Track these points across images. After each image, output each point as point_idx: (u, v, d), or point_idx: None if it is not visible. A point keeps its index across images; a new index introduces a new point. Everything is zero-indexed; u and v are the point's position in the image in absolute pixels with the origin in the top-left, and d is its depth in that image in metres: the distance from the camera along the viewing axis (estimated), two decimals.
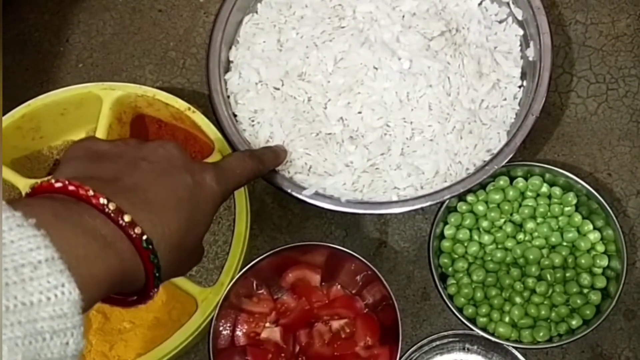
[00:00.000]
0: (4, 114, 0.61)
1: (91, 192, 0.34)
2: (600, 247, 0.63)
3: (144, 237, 0.35)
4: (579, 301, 0.61)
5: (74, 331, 0.29)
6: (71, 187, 0.34)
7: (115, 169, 0.39)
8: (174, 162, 0.41)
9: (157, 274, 0.36)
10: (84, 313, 0.30)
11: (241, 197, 0.59)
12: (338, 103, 0.61)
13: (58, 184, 0.35)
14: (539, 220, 0.64)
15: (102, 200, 0.34)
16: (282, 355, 0.61)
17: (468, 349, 0.63)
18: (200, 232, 0.42)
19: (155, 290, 0.38)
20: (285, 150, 0.59)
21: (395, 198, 0.60)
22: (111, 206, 0.34)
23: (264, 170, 0.54)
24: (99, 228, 0.33)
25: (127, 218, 0.34)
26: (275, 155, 0.58)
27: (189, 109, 0.62)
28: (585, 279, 0.62)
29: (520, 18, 0.65)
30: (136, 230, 0.35)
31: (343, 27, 0.63)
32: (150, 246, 0.35)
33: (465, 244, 0.64)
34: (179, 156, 0.42)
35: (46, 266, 0.29)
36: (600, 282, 0.62)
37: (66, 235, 0.31)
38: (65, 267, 0.29)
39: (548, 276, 0.62)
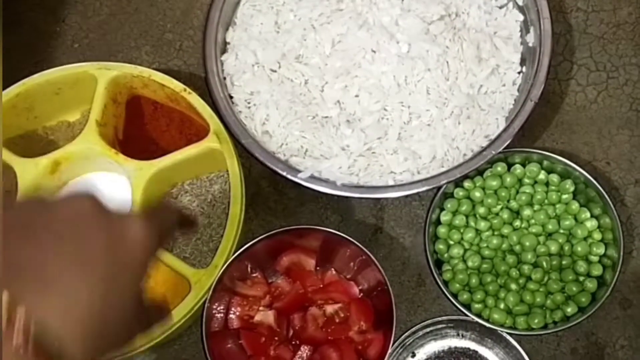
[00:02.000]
0: None
1: None
2: (597, 235, 0.63)
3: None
4: (574, 289, 0.61)
5: None
6: None
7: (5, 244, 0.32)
8: (85, 220, 0.34)
9: None
10: None
11: (236, 179, 0.59)
12: (335, 86, 0.60)
13: None
14: (536, 207, 0.64)
15: None
16: (276, 338, 0.61)
17: (462, 335, 0.63)
18: (133, 293, 0.35)
19: None
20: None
21: (391, 182, 0.59)
22: None
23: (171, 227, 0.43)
24: None
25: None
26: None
27: (185, 90, 0.61)
28: (582, 266, 0.61)
29: (520, 3, 0.64)
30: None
31: (341, 10, 0.63)
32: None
33: (462, 230, 0.63)
34: (90, 211, 0.34)
35: None
36: (597, 270, 0.61)
37: None
38: None
39: (544, 263, 0.62)
